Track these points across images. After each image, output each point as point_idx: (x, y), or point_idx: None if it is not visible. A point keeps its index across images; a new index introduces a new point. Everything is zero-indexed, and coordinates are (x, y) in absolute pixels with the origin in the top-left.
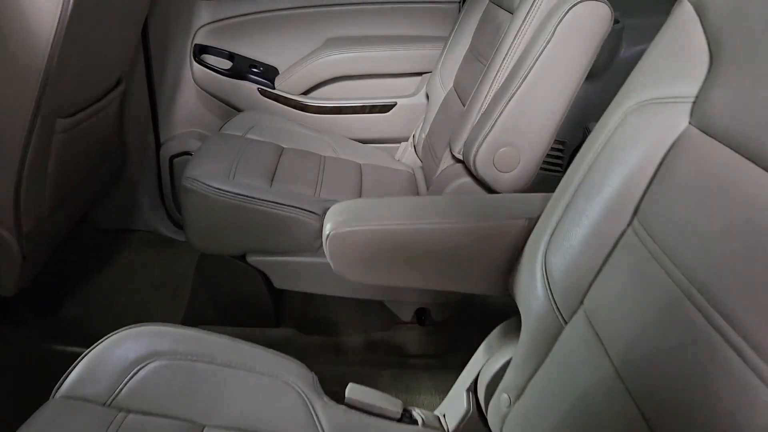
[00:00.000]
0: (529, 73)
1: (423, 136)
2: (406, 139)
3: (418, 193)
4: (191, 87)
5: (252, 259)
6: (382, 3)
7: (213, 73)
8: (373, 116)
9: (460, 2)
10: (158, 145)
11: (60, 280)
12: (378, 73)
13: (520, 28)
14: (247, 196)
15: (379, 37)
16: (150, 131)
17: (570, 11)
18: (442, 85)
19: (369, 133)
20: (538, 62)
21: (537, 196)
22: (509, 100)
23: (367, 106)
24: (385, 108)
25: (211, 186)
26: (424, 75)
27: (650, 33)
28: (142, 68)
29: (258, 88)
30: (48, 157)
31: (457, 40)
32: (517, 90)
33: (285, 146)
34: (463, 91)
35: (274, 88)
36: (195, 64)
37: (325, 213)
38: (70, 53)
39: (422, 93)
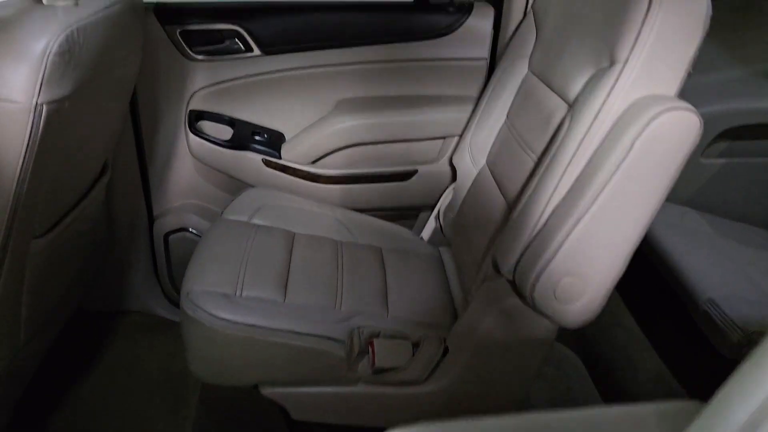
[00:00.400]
0: (601, 192)
1: (451, 215)
2: (428, 207)
3: (447, 282)
4: (187, 158)
5: (266, 390)
6: (398, 61)
7: (212, 145)
8: (391, 185)
9: (488, 59)
10: (151, 219)
11: (44, 384)
12: (396, 139)
13: (586, 133)
14: (258, 327)
15: (397, 99)
16: (141, 204)
17: (653, 122)
18: (473, 160)
19: (386, 202)
20: (612, 180)
21: (679, 412)
22: (576, 224)
23: (385, 174)
24: (404, 176)
25: (216, 316)
26: (447, 138)
27: (708, 93)
28: (131, 138)
29: (263, 159)
30: (22, 284)
31: (491, 109)
32: (586, 212)
33: (296, 231)
34: (501, 178)
35: (280, 158)
36: (191, 135)
37: (350, 336)
38: (44, 169)
39: (445, 159)
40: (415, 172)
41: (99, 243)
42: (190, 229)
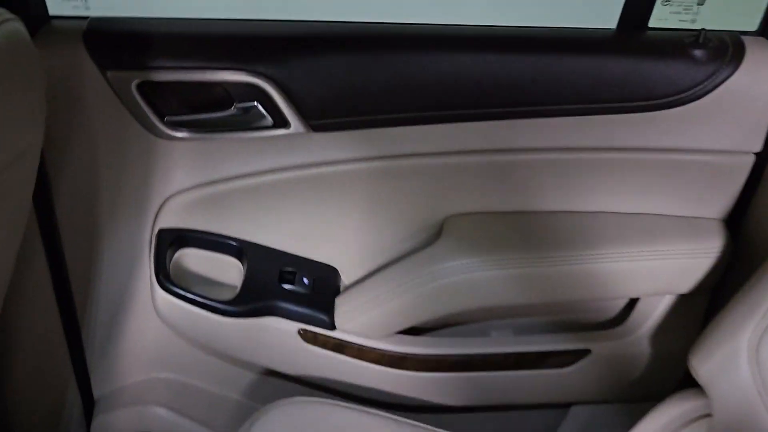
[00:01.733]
0: None
1: None
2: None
3: None
4: (150, 317)
5: None
6: (571, 150)
7: (199, 310)
8: (538, 374)
9: (757, 154)
10: (88, 412)
11: None
12: (557, 299)
13: None
14: None
15: (564, 219)
16: (70, 385)
17: None
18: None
19: (524, 399)
20: None
21: None
22: None
23: (529, 356)
24: (565, 358)
25: None
26: (653, 297)
27: None
28: (46, 277)
29: (300, 330)
30: None
31: None
32: None
33: None
34: None
35: (332, 326)
36: (158, 290)
37: None
38: None
39: (645, 332)
40: (586, 353)
41: None
42: None
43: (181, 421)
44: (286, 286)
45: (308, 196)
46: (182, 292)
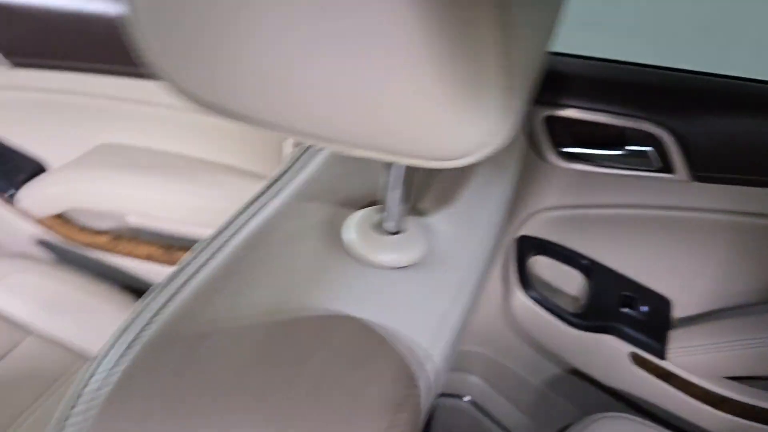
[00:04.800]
0: None
1: None
2: None
3: None
4: (499, 317)
5: None
6: None
7: (547, 315)
8: None
9: None
10: None
11: None
12: None
13: None
14: None
15: None
16: None
17: None
18: None
19: None
20: None
21: None
22: None
23: None
24: None
25: None
26: None
27: None
28: None
29: (631, 353)
30: None
31: None
32: None
33: None
34: None
35: (662, 355)
36: (517, 291)
37: None
38: None
39: None
40: None
41: None
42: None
43: (494, 394)
44: (624, 310)
45: (663, 233)
46: (540, 298)
